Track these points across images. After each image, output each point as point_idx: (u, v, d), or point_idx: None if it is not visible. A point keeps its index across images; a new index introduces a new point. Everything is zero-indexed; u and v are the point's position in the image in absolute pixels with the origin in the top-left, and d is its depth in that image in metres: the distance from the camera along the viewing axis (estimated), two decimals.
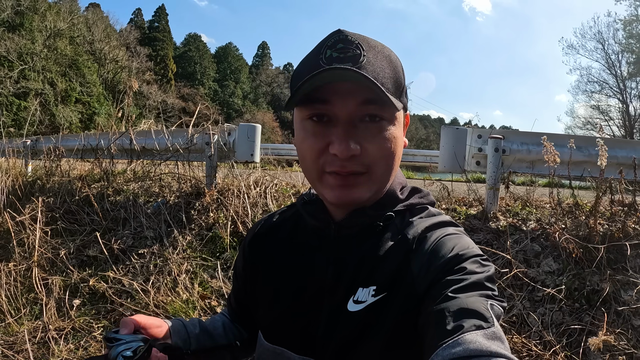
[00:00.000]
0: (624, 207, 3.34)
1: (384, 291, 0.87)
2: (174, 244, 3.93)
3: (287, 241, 1.04)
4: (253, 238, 1.12)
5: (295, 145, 0.94)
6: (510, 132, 3.99)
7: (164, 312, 3.19)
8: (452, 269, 0.81)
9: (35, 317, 3.43)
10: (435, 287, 0.79)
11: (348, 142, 0.82)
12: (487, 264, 0.84)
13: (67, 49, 36.34)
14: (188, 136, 4.63)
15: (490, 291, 0.78)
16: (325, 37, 0.86)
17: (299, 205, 1.06)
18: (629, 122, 30.50)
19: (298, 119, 0.90)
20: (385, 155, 0.87)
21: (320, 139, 0.85)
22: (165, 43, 57.97)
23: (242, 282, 1.14)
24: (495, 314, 0.73)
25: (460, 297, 0.74)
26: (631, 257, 3.04)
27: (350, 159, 0.83)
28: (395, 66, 0.87)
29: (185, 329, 1.09)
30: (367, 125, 0.84)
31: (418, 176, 9.78)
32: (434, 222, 0.93)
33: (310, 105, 0.85)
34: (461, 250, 0.84)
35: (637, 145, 4.20)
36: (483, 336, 0.68)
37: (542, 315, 2.86)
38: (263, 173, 4.89)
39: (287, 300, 0.98)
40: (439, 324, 0.72)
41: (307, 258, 0.98)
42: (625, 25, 29.63)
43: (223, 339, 1.16)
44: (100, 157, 5.41)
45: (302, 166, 0.94)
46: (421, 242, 0.89)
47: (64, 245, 4.18)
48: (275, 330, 1.00)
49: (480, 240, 3.40)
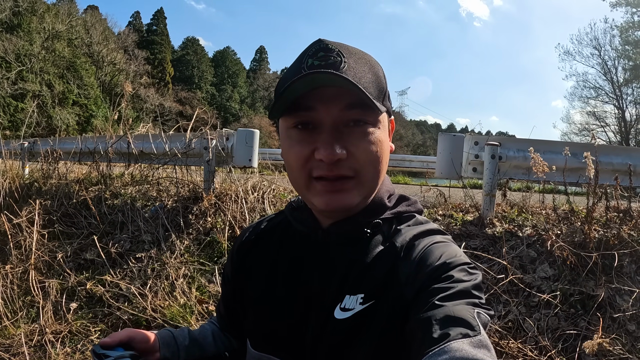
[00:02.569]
0: (619, 214, 3.37)
1: (371, 299, 0.87)
2: (171, 248, 3.93)
3: (274, 248, 1.05)
4: (241, 245, 1.12)
5: (282, 156, 0.94)
6: (507, 139, 4.02)
7: (161, 317, 3.19)
8: (440, 277, 0.81)
9: (32, 320, 3.42)
10: (423, 295, 0.80)
11: (333, 146, 0.83)
12: (475, 272, 0.84)
13: (65, 51, 36.35)
14: (186, 140, 4.64)
15: (477, 299, 0.78)
16: (306, 47, 0.87)
17: (287, 211, 1.06)
18: (625, 128, 30.67)
19: (283, 129, 0.91)
20: (372, 158, 0.88)
21: (305, 145, 0.86)
22: (163, 46, 58.02)
23: (230, 289, 1.14)
24: (482, 322, 0.73)
25: (447, 305, 0.75)
26: (626, 264, 3.07)
27: (337, 163, 0.84)
28: (376, 71, 0.89)
29: (174, 341, 1.09)
30: (352, 130, 0.85)
31: (414, 182, 9.79)
32: (421, 230, 0.94)
33: (295, 114, 0.86)
34: (449, 259, 0.85)
35: (632, 152, 4.23)
36: (469, 344, 0.68)
37: (537, 320, 2.88)
38: (261, 178, 4.89)
39: (275, 308, 0.98)
40: (426, 331, 0.72)
41: (295, 265, 0.98)
42: (622, 31, 29.84)
43: (212, 348, 1.17)
44: (98, 161, 5.41)
45: (289, 175, 0.94)
46: (409, 250, 0.89)
47: (61, 248, 4.17)
48: (263, 338, 1.00)
49: (477, 246, 3.42)
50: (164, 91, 49.86)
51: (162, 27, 59.64)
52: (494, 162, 3.70)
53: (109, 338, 0.96)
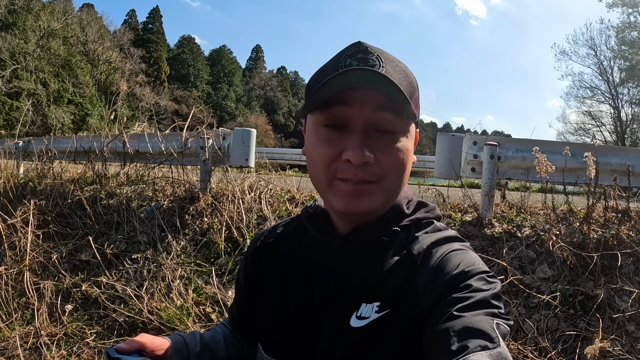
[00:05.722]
0: (618, 214, 3.36)
1: (388, 307, 0.86)
2: (167, 249, 3.90)
3: (290, 254, 1.03)
4: (256, 250, 1.11)
5: (305, 153, 0.94)
6: (506, 139, 4.01)
7: (157, 319, 3.15)
8: (458, 286, 0.80)
9: (27, 322, 3.38)
10: (440, 305, 0.78)
11: (363, 149, 0.82)
12: (494, 281, 0.82)
13: (61, 49, 36.17)
14: (182, 140, 4.60)
15: (496, 309, 0.76)
16: (344, 48, 0.87)
17: (303, 217, 1.04)
18: (621, 128, 30.81)
19: (311, 125, 0.90)
20: (397, 167, 0.87)
21: (334, 145, 0.85)
22: (159, 45, 57.80)
23: (244, 294, 1.13)
24: (502, 333, 0.71)
25: (466, 316, 0.73)
26: (625, 264, 3.06)
27: (363, 166, 0.83)
28: (410, 80, 0.88)
29: (186, 348, 1.07)
30: (382, 136, 0.85)
31: (412, 181, 9.79)
32: (439, 237, 0.92)
33: (328, 109, 0.84)
34: (467, 267, 0.83)
35: (630, 152, 4.23)
36: (489, 357, 0.66)
37: (537, 321, 2.87)
38: (258, 178, 4.86)
39: (289, 314, 0.96)
40: (444, 343, 0.71)
41: (310, 272, 0.96)
42: (618, 32, 29.95)
43: (223, 352, 1.15)
44: (93, 160, 5.36)
45: (311, 173, 0.92)
46: (426, 258, 0.88)
47: (56, 249, 4.13)
48: (276, 343, 0.99)
49: (476, 247, 3.40)
50: (160, 90, 49.66)
51: (157, 26, 59.41)
52: (493, 162, 3.69)
53: (125, 344, 0.94)
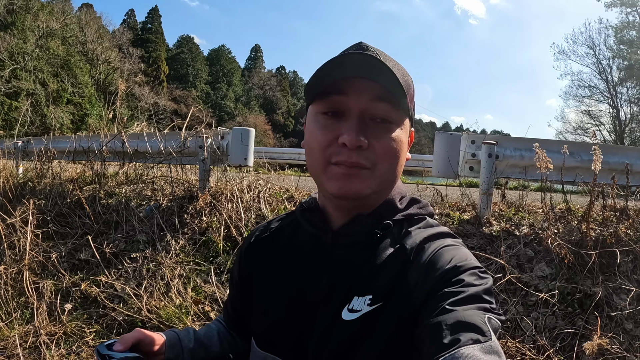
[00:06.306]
0: (616, 213, 3.37)
1: (379, 301, 0.87)
2: (166, 248, 3.90)
3: (283, 248, 1.04)
4: (250, 245, 1.12)
5: (302, 145, 0.98)
6: (504, 137, 4.01)
7: (156, 317, 3.16)
8: (450, 280, 0.81)
9: (26, 321, 3.38)
10: (432, 299, 0.79)
11: (358, 133, 0.85)
12: (485, 276, 0.83)
13: (59, 49, 36.11)
14: (181, 139, 4.60)
15: (488, 304, 0.78)
16: (346, 47, 0.93)
17: (298, 212, 1.06)
18: (619, 127, 30.82)
19: (311, 114, 0.94)
20: (390, 154, 0.90)
21: (331, 130, 0.88)
22: (157, 44, 57.72)
23: (238, 289, 1.14)
24: (493, 328, 0.73)
25: (458, 310, 0.74)
26: (623, 262, 3.07)
27: (357, 150, 0.86)
28: (407, 79, 0.92)
29: (179, 344, 1.08)
30: (377, 125, 0.88)
31: (410, 180, 9.79)
32: (432, 232, 0.94)
33: (327, 98, 0.88)
34: (459, 262, 0.84)
35: (628, 151, 4.24)
36: (480, 350, 0.67)
37: (535, 319, 2.88)
38: (256, 177, 4.87)
39: (282, 308, 0.98)
40: (436, 337, 0.72)
41: (303, 265, 0.97)
42: (617, 31, 29.95)
43: (218, 348, 1.16)
44: (92, 160, 5.36)
45: (308, 159, 0.95)
46: (419, 253, 0.89)
47: (55, 248, 4.14)
48: (269, 337, 1.00)
49: (474, 245, 3.41)
50: (159, 89, 49.63)
51: (156, 25, 59.31)
52: (491, 161, 3.70)
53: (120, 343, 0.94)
